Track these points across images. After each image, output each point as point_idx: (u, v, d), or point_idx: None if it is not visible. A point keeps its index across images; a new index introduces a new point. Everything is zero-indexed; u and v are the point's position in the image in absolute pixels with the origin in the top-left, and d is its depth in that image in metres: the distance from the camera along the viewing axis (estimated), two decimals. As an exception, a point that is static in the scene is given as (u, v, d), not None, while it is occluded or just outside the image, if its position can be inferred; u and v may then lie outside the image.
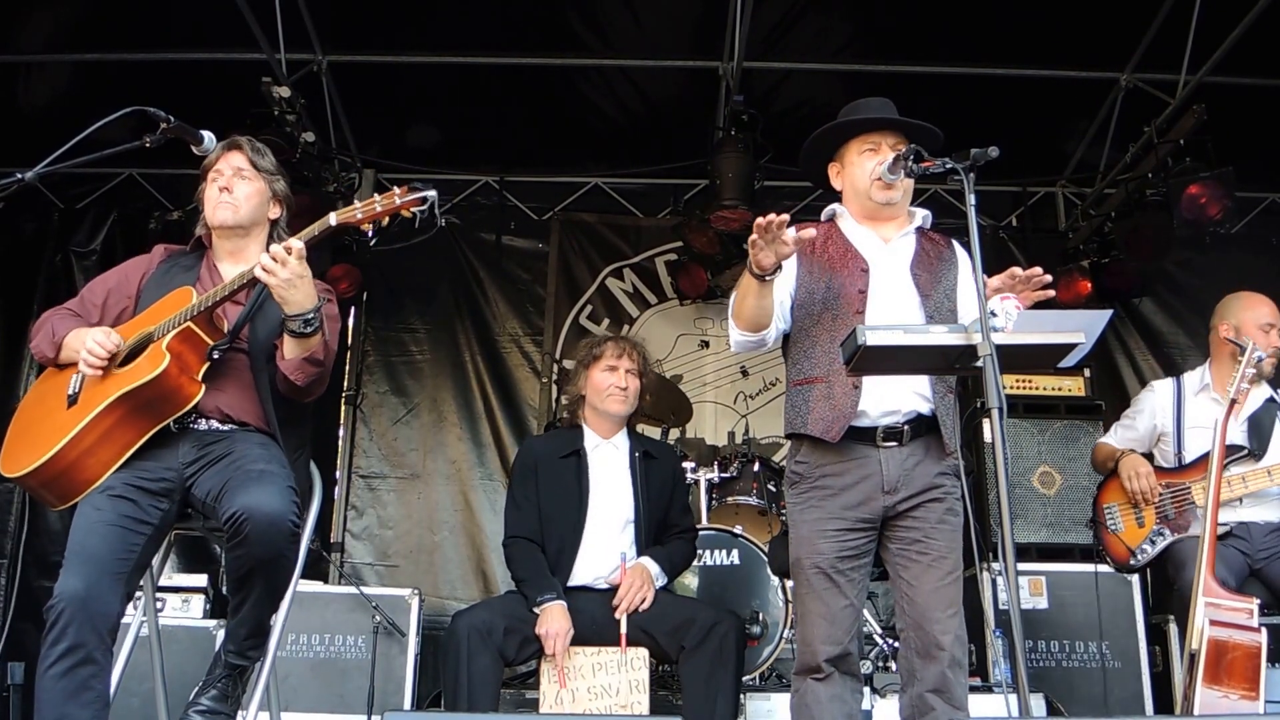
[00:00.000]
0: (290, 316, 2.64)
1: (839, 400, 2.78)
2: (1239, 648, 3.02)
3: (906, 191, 2.96)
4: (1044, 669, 4.50)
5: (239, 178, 2.91)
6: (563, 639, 3.38)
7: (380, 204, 2.59)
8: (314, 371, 2.74)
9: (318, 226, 2.63)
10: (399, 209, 2.58)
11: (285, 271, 2.56)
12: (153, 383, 2.59)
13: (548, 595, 3.46)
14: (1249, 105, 5.39)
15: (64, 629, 2.44)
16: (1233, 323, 3.83)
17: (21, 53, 5.45)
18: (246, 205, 2.90)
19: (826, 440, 2.79)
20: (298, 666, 4.39)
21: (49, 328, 2.85)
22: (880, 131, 2.95)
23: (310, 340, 2.69)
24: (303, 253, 2.57)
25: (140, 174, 6.37)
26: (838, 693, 2.76)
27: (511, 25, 5.37)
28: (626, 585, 3.49)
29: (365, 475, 6.36)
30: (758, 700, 3.90)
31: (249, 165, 2.93)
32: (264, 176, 2.95)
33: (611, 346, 3.78)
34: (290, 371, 2.72)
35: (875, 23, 5.33)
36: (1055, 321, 2.59)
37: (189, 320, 2.66)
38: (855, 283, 2.87)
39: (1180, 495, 3.69)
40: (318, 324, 2.68)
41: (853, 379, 2.76)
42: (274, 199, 2.98)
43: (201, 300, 2.68)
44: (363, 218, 2.60)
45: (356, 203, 2.63)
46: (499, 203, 6.60)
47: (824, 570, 2.78)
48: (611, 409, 3.75)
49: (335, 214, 2.63)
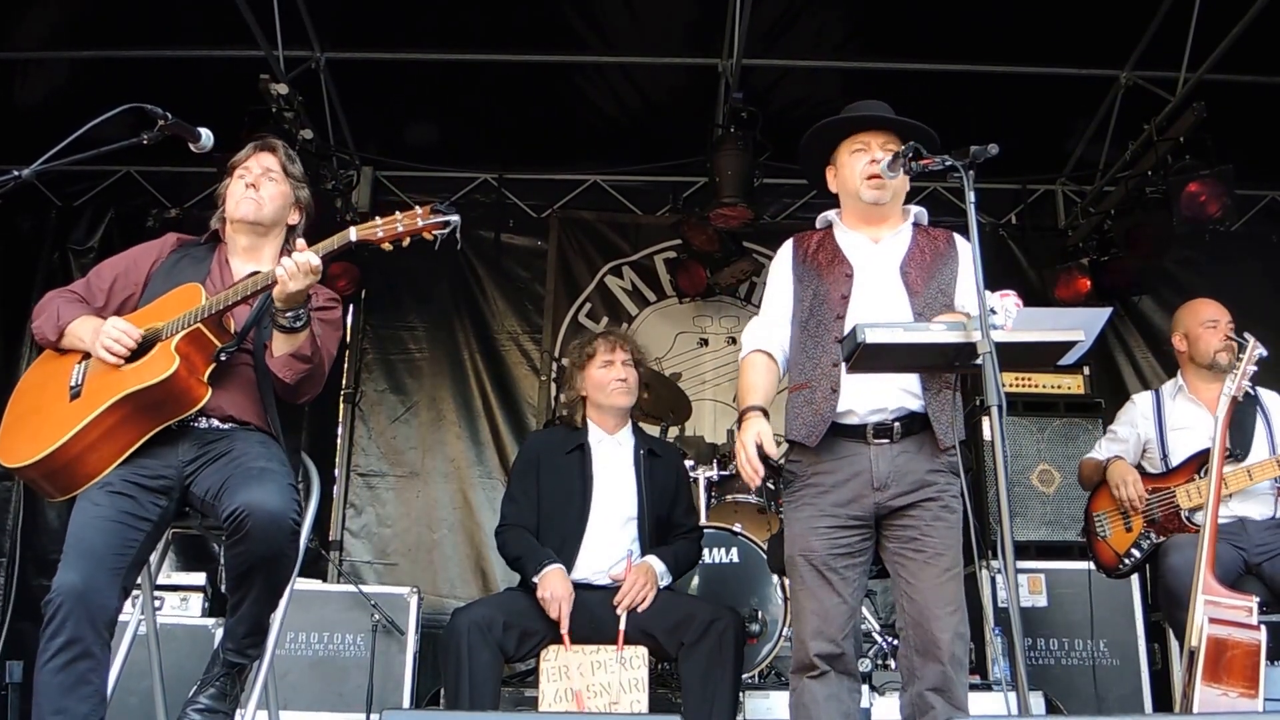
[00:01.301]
0: (280, 311, 2.65)
1: (819, 404, 2.81)
2: (1238, 645, 3.02)
3: (898, 192, 2.95)
4: (1043, 667, 4.51)
5: (267, 178, 2.94)
6: (566, 603, 3.38)
7: (402, 224, 2.60)
8: (302, 369, 2.74)
9: (337, 241, 2.64)
10: (421, 231, 2.60)
11: (303, 281, 2.58)
12: (161, 385, 2.59)
13: (546, 561, 3.47)
14: (1249, 103, 5.39)
15: (62, 623, 2.43)
16: (1181, 332, 3.98)
17: (19, 49, 5.44)
18: (270, 205, 2.93)
19: (807, 444, 2.81)
20: (297, 665, 4.40)
21: (54, 309, 2.84)
22: (870, 131, 2.95)
23: (298, 336, 2.69)
24: (319, 269, 2.59)
25: (138, 171, 6.36)
26: (834, 692, 2.76)
27: (510, 23, 5.36)
28: (630, 583, 3.49)
29: (364, 473, 6.36)
30: (757, 698, 3.90)
31: (279, 169, 2.97)
32: (291, 182, 2.99)
33: (603, 342, 3.79)
34: (279, 369, 2.72)
35: (874, 20, 5.32)
36: (1054, 319, 2.59)
37: (199, 322, 2.65)
38: (839, 288, 2.88)
39: (1165, 500, 3.71)
40: (306, 319, 2.69)
41: (830, 382, 2.79)
42: (296, 205, 3.02)
43: (212, 303, 2.67)
44: (384, 236, 2.62)
45: (378, 219, 2.64)
46: (498, 200, 6.60)
47: (816, 566, 2.79)
48: (616, 402, 3.76)
49: (355, 229, 2.64)
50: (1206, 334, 3.84)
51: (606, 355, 3.76)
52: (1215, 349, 3.79)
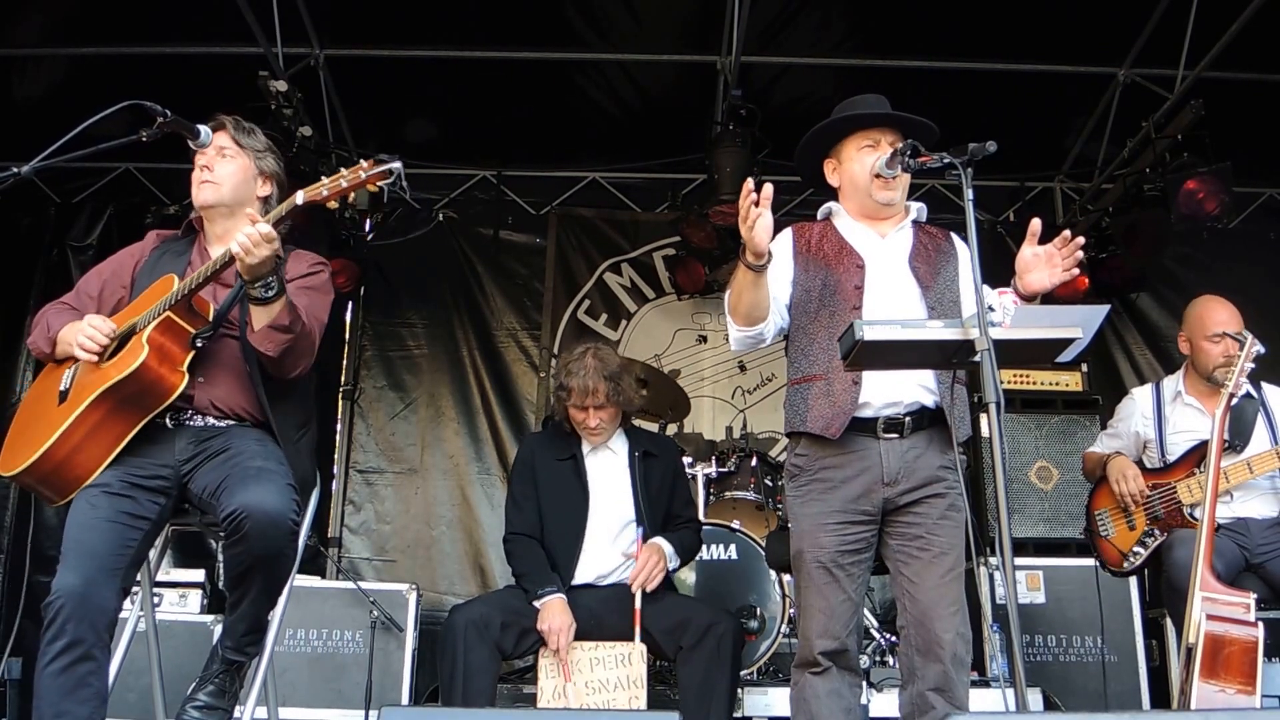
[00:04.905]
0: (249, 284, 2.60)
1: (839, 397, 2.78)
2: (1236, 642, 3.02)
3: (904, 189, 2.95)
4: (1041, 664, 4.51)
5: (220, 156, 2.88)
6: (565, 634, 3.38)
7: (346, 179, 2.56)
8: (284, 339, 2.67)
9: (285, 206, 2.62)
10: (364, 184, 2.55)
11: (260, 252, 2.52)
12: (132, 376, 2.57)
13: (548, 590, 3.46)
14: (1247, 100, 5.38)
15: (62, 625, 2.44)
16: (1186, 335, 3.91)
17: (17, 46, 5.43)
18: (229, 183, 2.88)
19: (827, 436, 2.78)
20: (295, 661, 4.40)
21: (44, 323, 2.85)
22: (879, 128, 2.94)
23: (273, 305, 2.63)
24: (272, 235, 2.54)
25: (137, 168, 6.35)
26: (835, 687, 2.76)
27: (509, 19, 5.36)
28: (642, 561, 3.50)
29: (363, 470, 6.36)
30: (755, 695, 3.91)
31: (232, 143, 2.90)
32: (249, 154, 2.92)
33: (576, 387, 3.63)
34: (261, 343, 2.67)
35: (873, 17, 5.31)
36: (1052, 316, 2.60)
37: (168, 309, 2.64)
38: (851, 279, 2.87)
39: (1167, 495, 3.70)
40: (278, 288, 2.63)
41: (851, 375, 2.76)
42: (262, 176, 2.95)
43: (179, 288, 2.65)
44: (329, 194, 2.57)
45: (323, 179, 2.60)
46: (496, 197, 6.59)
47: (824, 564, 2.78)
48: (591, 441, 3.76)
49: (302, 192, 2.58)
50: (1209, 347, 3.76)
51: (579, 401, 3.65)
52: (1215, 364, 3.72)
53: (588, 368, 3.64)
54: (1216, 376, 3.68)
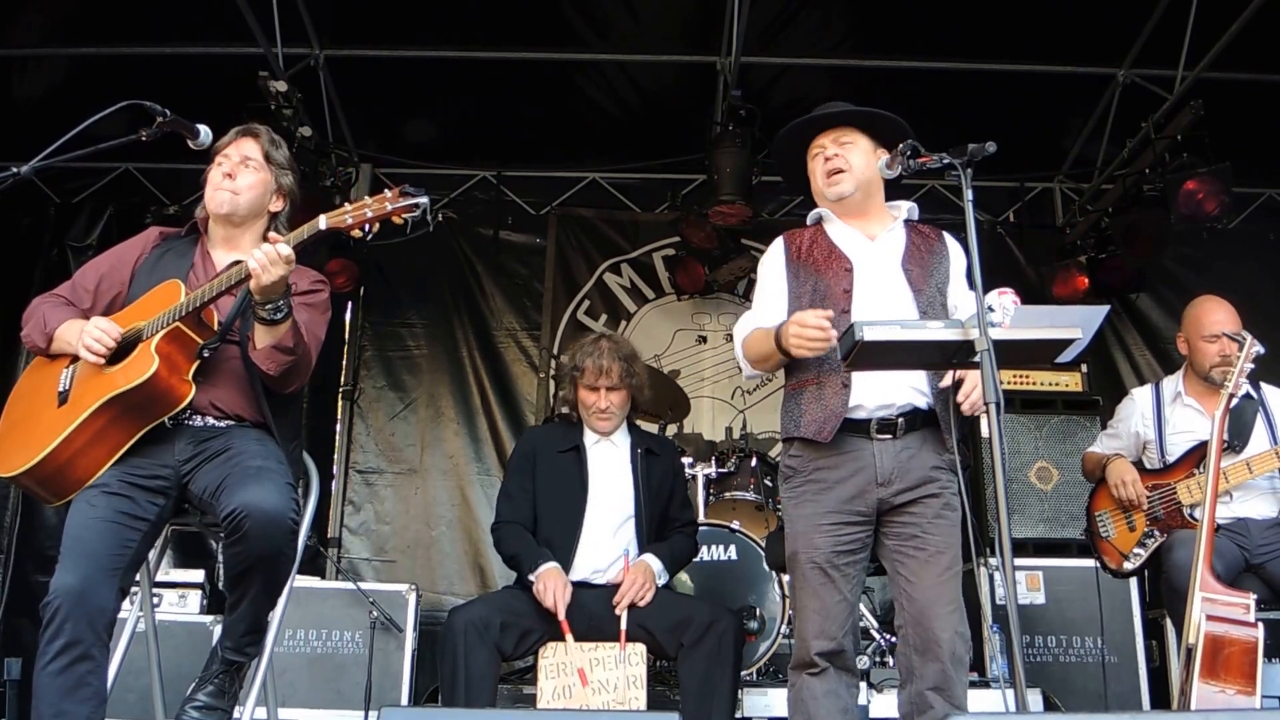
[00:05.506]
0: (260, 304, 2.60)
1: (829, 400, 2.79)
2: (1236, 643, 3.02)
3: (866, 184, 2.95)
4: (1041, 664, 4.51)
5: (244, 166, 2.87)
6: (563, 597, 3.38)
7: (371, 208, 2.54)
8: (285, 360, 2.68)
9: (307, 230, 2.59)
10: (389, 215, 2.53)
11: (276, 272, 2.52)
12: (142, 386, 2.56)
13: (542, 559, 3.47)
14: (1246, 101, 5.39)
15: (60, 625, 2.43)
16: (1184, 336, 3.92)
17: (17, 46, 5.43)
18: (247, 195, 2.86)
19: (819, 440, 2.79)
20: (295, 662, 4.40)
21: (40, 316, 2.82)
22: (822, 133, 2.99)
23: (279, 327, 2.64)
24: (291, 258, 2.53)
25: (136, 168, 6.36)
26: (832, 688, 2.76)
27: (509, 20, 5.36)
28: (629, 582, 3.48)
29: (362, 470, 6.36)
30: (755, 695, 3.91)
31: (260, 156, 2.89)
32: (273, 169, 2.91)
33: (590, 366, 3.69)
34: (262, 361, 2.67)
35: (872, 18, 5.32)
36: (1052, 317, 2.60)
37: (177, 320, 2.62)
38: (840, 282, 2.87)
39: (1167, 496, 3.71)
40: (286, 310, 2.63)
41: (841, 378, 2.77)
42: (278, 192, 2.94)
43: (190, 300, 2.63)
44: (353, 223, 2.55)
45: (347, 205, 2.58)
46: (496, 198, 6.59)
47: (820, 565, 2.78)
48: (598, 428, 3.76)
49: (325, 217, 2.58)
50: (1205, 347, 3.77)
51: (592, 380, 3.69)
52: (1211, 364, 3.73)
53: (602, 349, 3.72)
54: (1214, 376, 3.69)
